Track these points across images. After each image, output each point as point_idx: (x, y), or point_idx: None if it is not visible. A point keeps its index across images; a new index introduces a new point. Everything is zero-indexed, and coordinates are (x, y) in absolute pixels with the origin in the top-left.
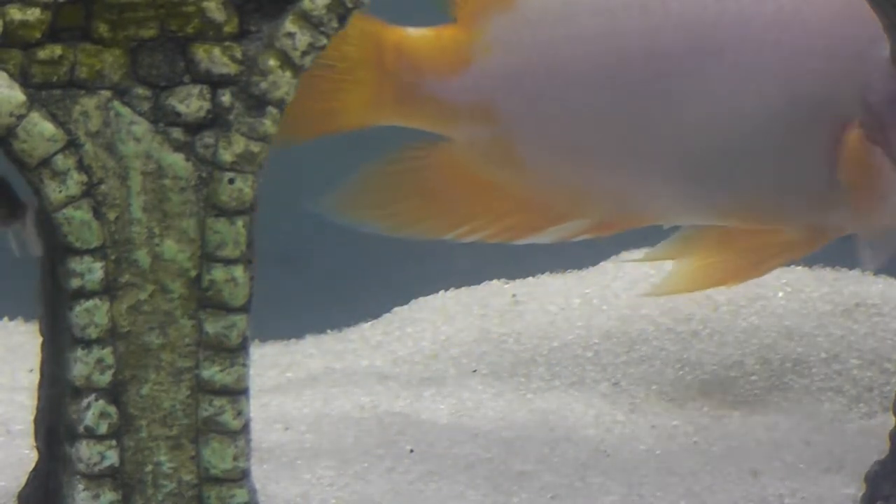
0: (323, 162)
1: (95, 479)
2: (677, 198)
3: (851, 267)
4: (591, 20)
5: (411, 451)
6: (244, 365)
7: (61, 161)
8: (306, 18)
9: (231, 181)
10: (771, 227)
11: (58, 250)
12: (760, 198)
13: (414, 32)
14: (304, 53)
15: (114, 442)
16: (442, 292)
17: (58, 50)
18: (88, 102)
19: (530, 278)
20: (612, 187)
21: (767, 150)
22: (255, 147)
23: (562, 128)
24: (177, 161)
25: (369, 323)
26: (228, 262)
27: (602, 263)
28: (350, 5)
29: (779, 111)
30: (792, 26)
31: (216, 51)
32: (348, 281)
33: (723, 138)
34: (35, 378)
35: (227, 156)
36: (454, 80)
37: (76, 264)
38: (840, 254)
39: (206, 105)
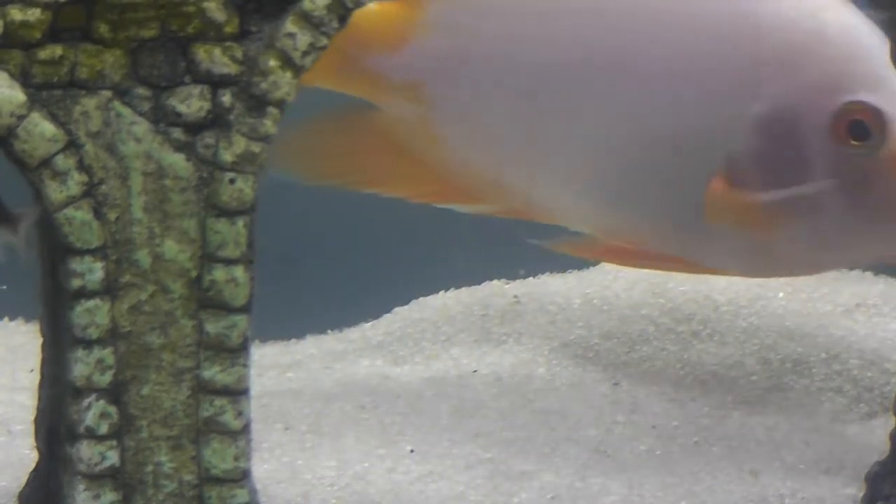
0: None
1: (96, 479)
2: (570, 205)
3: (851, 267)
4: (512, 16)
5: (412, 451)
6: (245, 365)
7: (62, 161)
8: (307, 19)
9: (232, 181)
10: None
11: (58, 250)
12: (639, 226)
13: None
14: (305, 54)
15: (114, 442)
16: (442, 292)
17: (58, 50)
18: (89, 103)
19: (531, 278)
20: (519, 181)
21: (647, 181)
22: (256, 147)
23: (478, 115)
24: (177, 161)
25: (370, 323)
26: (229, 262)
27: (602, 263)
28: (350, 5)
29: (660, 146)
30: (684, 68)
31: (217, 51)
32: (349, 281)
33: (609, 159)
34: (36, 378)
35: (227, 156)
36: (390, 57)
37: (77, 264)
38: None
39: (207, 105)
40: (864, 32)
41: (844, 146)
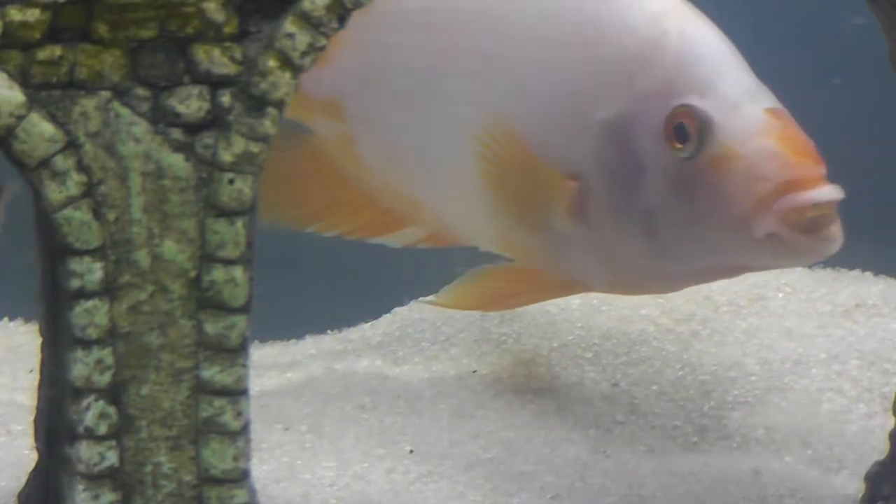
0: None
1: (95, 479)
2: (466, 222)
3: (851, 267)
4: (411, 30)
5: (411, 451)
6: (244, 365)
7: (61, 162)
8: (306, 19)
9: (231, 182)
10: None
11: (57, 251)
12: (518, 240)
13: None
14: (304, 54)
15: (114, 442)
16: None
17: (57, 50)
18: (88, 103)
19: None
20: (421, 200)
21: (511, 191)
22: (255, 147)
23: (387, 134)
24: (176, 161)
25: (369, 323)
26: (228, 262)
27: None
28: (349, 6)
29: (517, 155)
30: (535, 75)
31: (216, 51)
32: (348, 281)
33: (469, 172)
34: (35, 378)
35: (226, 156)
36: (312, 74)
37: (76, 265)
38: (839, 254)
39: (206, 105)
40: (705, 39)
41: (671, 150)
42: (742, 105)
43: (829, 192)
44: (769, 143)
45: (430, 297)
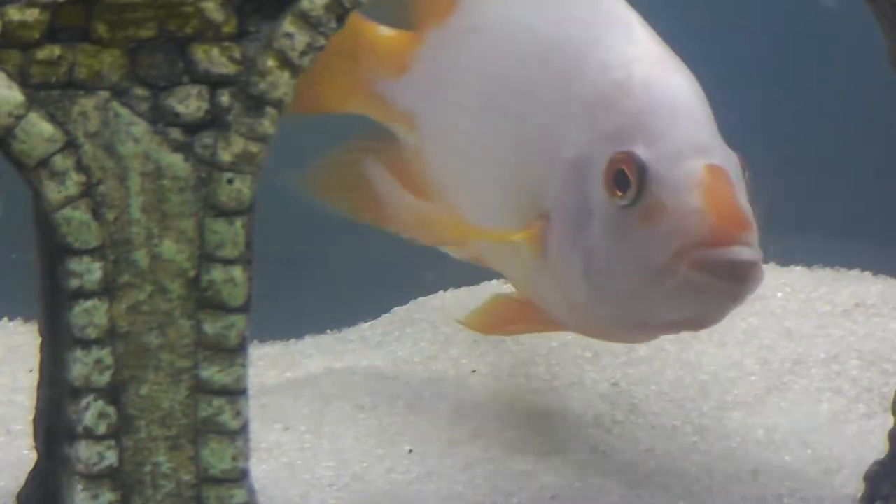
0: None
1: (94, 479)
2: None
3: (850, 267)
4: (478, 54)
5: (410, 451)
6: (243, 365)
7: (60, 161)
8: (305, 19)
9: (230, 181)
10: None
11: (57, 250)
12: (497, 259)
13: (383, 31)
14: (303, 54)
15: (113, 442)
16: (441, 293)
17: (57, 50)
18: (87, 103)
19: None
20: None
21: (502, 224)
22: (254, 147)
23: (445, 154)
24: (176, 161)
25: (369, 323)
26: (227, 262)
27: None
28: (348, 5)
29: (500, 187)
30: (528, 102)
31: (215, 51)
32: (348, 281)
33: (486, 196)
34: (35, 378)
35: (225, 156)
36: (394, 84)
37: (75, 265)
38: (839, 254)
39: (205, 105)
40: (667, 87)
41: (612, 197)
42: (684, 158)
43: (741, 254)
44: (695, 199)
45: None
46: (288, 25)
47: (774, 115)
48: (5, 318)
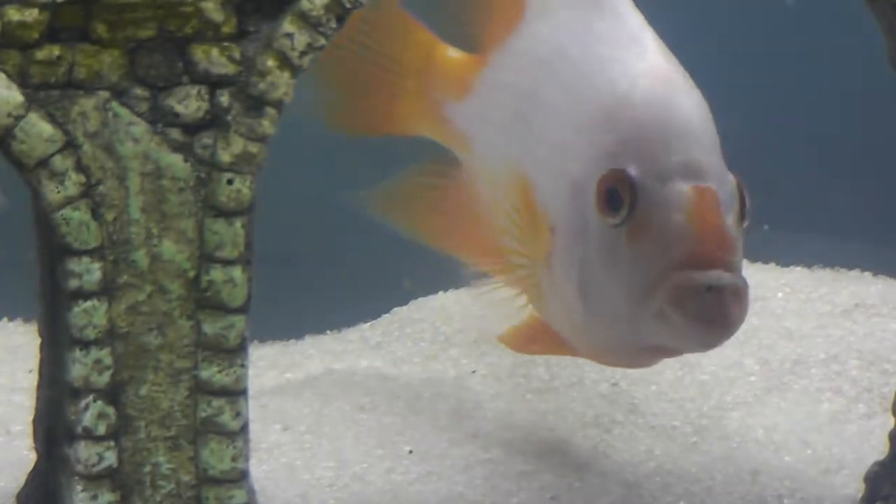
0: (322, 162)
1: (94, 479)
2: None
3: (850, 267)
4: (519, 76)
5: (410, 451)
6: (243, 365)
7: (59, 162)
8: (305, 19)
9: (230, 182)
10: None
11: (56, 251)
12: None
13: (452, 53)
14: (303, 54)
15: (112, 443)
16: (441, 293)
17: (56, 50)
18: (87, 103)
19: None
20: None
21: (521, 242)
22: (254, 148)
23: (491, 174)
24: (175, 162)
25: (368, 323)
26: (227, 262)
27: None
28: (348, 5)
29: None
30: (550, 115)
31: (214, 51)
32: (348, 281)
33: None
34: (34, 379)
35: (225, 156)
36: (457, 107)
37: (74, 265)
38: (839, 254)
39: (205, 106)
40: (668, 105)
41: (604, 215)
42: (673, 179)
43: (720, 277)
44: (679, 220)
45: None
46: (288, 25)
47: (775, 116)
48: (5, 319)
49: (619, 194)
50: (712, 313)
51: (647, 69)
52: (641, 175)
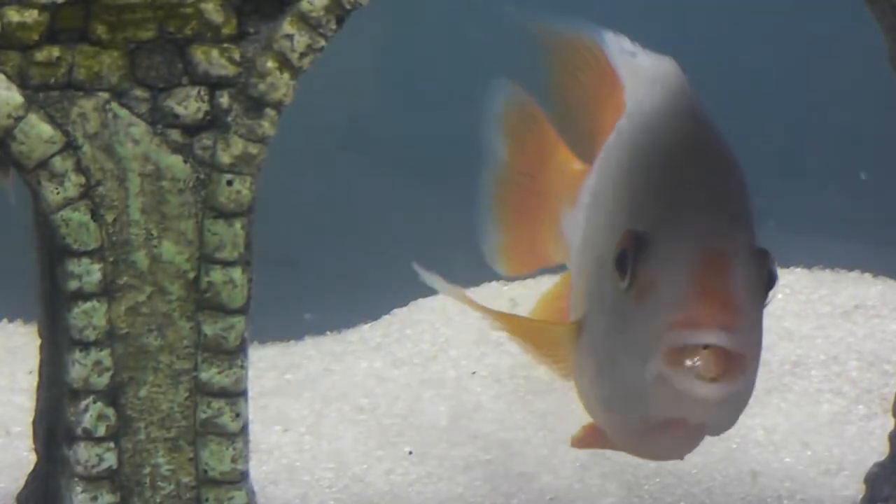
0: (322, 162)
1: (93, 481)
2: None
3: (850, 268)
4: (598, 176)
5: (410, 452)
6: (243, 367)
7: (59, 163)
8: (304, 20)
9: (229, 183)
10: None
11: (56, 252)
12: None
13: (576, 165)
14: (303, 55)
15: (112, 444)
16: (442, 294)
17: (55, 51)
18: (87, 104)
19: (529, 280)
20: None
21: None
22: (254, 149)
23: (575, 278)
24: (175, 163)
25: (368, 324)
26: (227, 263)
27: None
28: (348, 6)
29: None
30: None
31: (214, 52)
32: (347, 282)
33: None
34: (34, 380)
35: (225, 157)
36: (566, 217)
37: (74, 266)
38: (840, 255)
39: (205, 107)
40: (695, 170)
41: (616, 279)
42: (686, 240)
43: (718, 337)
44: (682, 278)
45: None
46: (288, 27)
47: (775, 116)
48: (5, 320)
49: (627, 255)
50: (709, 371)
51: (682, 135)
52: (653, 236)
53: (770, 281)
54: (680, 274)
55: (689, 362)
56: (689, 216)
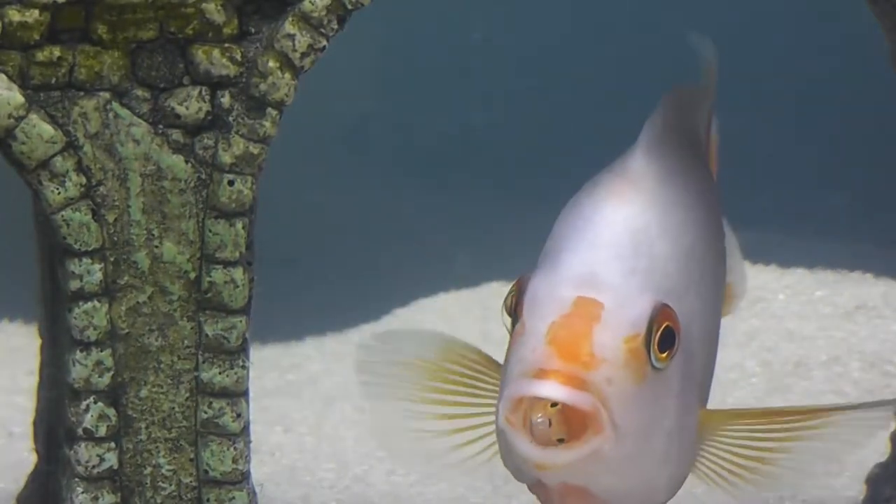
0: (324, 162)
1: (94, 481)
2: None
3: (852, 269)
4: None
5: None
6: (244, 367)
7: (60, 163)
8: (306, 20)
9: (230, 183)
10: None
11: (57, 252)
12: None
13: None
14: (304, 55)
15: (113, 444)
16: (442, 294)
17: (56, 51)
18: (88, 104)
19: None
20: None
21: None
22: (255, 149)
23: None
24: (176, 163)
25: (370, 325)
26: (228, 263)
27: None
28: (350, 6)
29: None
30: None
31: (216, 52)
32: (349, 283)
33: None
34: (35, 380)
35: (226, 157)
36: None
37: (75, 266)
38: (841, 256)
39: (206, 107)
40: (607, 219)
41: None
42: (563, 288)
43: (553, 390)
44: (542, 324)
45: None
46: (289, 26)
47: (775, 116)
48: (5, 320)
49: (510, 297)
50: (544, 431)
51: (612, 188)
52: (535, 281)
53: (666, 340)
54: (541, 319)
55: (536, 418)
56: (577, 263)
